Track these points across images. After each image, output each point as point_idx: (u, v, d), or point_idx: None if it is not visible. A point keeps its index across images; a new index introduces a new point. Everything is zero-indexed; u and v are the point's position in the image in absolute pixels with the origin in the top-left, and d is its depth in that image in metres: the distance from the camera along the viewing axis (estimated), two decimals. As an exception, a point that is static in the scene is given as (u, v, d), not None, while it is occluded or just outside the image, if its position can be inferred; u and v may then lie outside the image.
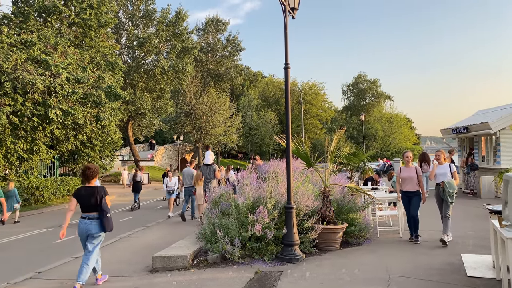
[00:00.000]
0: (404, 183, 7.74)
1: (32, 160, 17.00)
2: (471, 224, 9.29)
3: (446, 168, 7.46)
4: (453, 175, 7.41)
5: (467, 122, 16.97)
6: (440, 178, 7.37)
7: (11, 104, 14.89)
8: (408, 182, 7.68)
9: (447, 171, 7.42)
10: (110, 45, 23.74)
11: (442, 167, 7.52)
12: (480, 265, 5.91)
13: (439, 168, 7.52)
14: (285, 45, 6.99)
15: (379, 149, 49.52)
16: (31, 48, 15.35)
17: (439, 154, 7.61)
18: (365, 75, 60.52)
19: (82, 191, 5.78)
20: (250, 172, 8.37)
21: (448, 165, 7.49)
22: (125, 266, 6.97)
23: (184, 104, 39.21)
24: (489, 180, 13.95)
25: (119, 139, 23.04)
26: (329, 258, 6.74)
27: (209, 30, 49.89)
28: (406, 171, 7.76)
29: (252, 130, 49.45)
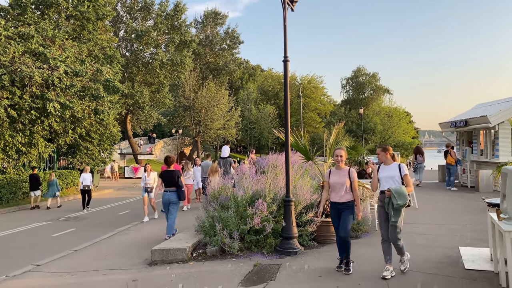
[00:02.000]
0: (332, 190, 5.71)
1: (31, 153, 16.96)
2: (469, 217, 9.33)
3: (393, 170, 5.44)
4: (404, 179, 5.36)
5: (466, 116, 16.97)
6: (386, 184, 5.38)
7: (9, 97, 14.83)
8: (337, 189, 5.64)
9: (395, 173, 5.40)
10: (108, 38, 23.61)
11: (388, 168, 5.49)
12: (478, 258, 5.93)
13: (383, 169, 5.51)
14: (284, 38, 6.96)
15: (378, 142, 49.41)
16: (29, 41, 15.26)
17: (382, 151, 5.61)
18: (365, 69, 60.39)
19: (165, 173, 8.26)
20: (248, 166, 8.39)
21: (397, 165, 5.47)
22: (124, 259, 6.99)
23: (183, 98, 39.09)
24: (487, 174, 13.98)
25: (117, 132, 22.97)
26: (328, 251, 6.77)
27: (207, 23, 49.61)
28: (335, 174, 5.71)
29: (251, 124, 49.38)
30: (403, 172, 5.36)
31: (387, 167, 5.49)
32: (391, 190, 5.15)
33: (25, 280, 6.08)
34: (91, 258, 7.23)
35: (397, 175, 5.36)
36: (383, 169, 5.51)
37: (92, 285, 5.68)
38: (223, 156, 12.41)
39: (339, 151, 5.72)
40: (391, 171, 5.42)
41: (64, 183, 19.28)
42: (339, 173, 5.68)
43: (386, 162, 5.53)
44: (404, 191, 5.16)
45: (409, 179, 5.37)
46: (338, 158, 5.68)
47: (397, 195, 5.11)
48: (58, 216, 13.05)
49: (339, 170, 5.70)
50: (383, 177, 5.41)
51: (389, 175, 5.37)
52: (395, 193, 5.13)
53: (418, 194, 12.03)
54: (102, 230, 9.93)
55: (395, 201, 5.11)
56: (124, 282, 5.69)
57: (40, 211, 14.63)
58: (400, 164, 5.44)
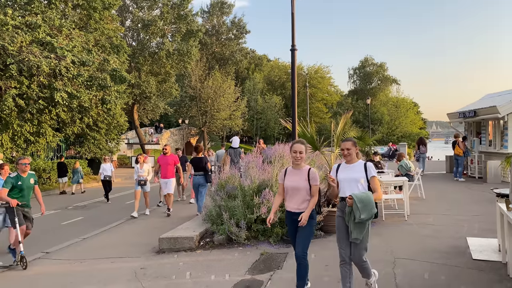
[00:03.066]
0: (287, 196, 4.44)
1: (39, 142, 17.11)
2: (477, 207, 9.28)
3: (358, 171, 4.22)
4: (371, 183, 4.18)
5: (475, 106, 16.79)
6: (348, 189, 4.14)
7: (17, 86, 14.91)
8: (293, 196, 4.36)
9: (360, 175, 4.18)
10: (115, 28, 23.56)
11: (351, 168, 4.26)
12: (485, 249, 5.91)
13: (345, 169, 4.29)
14: (292, 27, 6.90)
15: (385, 133, 49.27)
16: (36, 30, 15.27)
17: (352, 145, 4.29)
18: (372, 59, 59.84)
19: (195, 159, 9.93)
20: (255, 156, 8.40)
21: (362, 165, 4.26)
22: (132, 248, 7.06)
23: (189, 88, 39.05)
24: (495, 165, 13.87)
25: (124, 122, 23.07)
26: (334, 241, 6.72)
27: (214, 12, 49.28)
28: (292, 175, 4.40)
29: (257, 114, 49.29)
30: (370, 174, 4.16)
31: (350, 167, 4.25)
32: (353, 197, 3.92)
33: (36, 267, 6.18)
34: (100, 246, 7.32)
35: (362, 177, 4.16)
36: (345, 168, 4.28)
37: (101, 272, 5.75)
38: (234, 146, 12.59)
39: (297, 146, 4.31)
40: (355, 171, 4.19)
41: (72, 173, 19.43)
42: (297, 174, 4.35)
43: (350, 160, 4.28)
44: (370, 199, 3.94)
45: (378, 182, 4.19)
46: (297, 155, 4.28)
47: (361, 204, 3.90)
48: (67, 204, 13.18)
49: (297, 170, 4.37)
50: (344, 180, 4.18)
51: (353, 177, 4.17)
52: (359, 202, 3.90)
53: (425, 184, 11.98)
54: (111, 219, 10.02)
55: (358, 214, 3.89)
56: (132, 270, 5.75)
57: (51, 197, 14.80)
58: (366, 163, 4.25)
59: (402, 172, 11.21)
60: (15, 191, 6.45)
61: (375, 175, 4.21)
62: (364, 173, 4.19)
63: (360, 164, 4.26)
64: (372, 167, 4.24)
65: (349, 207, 4.03)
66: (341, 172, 4.29)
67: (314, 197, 4.30)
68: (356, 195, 3.97)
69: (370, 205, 3.94)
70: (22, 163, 6.57)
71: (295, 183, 4.33)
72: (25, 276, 5.78)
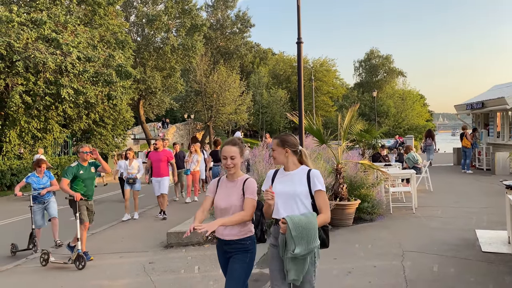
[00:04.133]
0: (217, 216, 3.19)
1: (46, 139, 17.23)
2: (485, 200, 9.21)
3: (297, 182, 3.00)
4: (317, 199, 2.95)
5: (483, 98, 16.63)
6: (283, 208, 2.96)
7: (24, 83, 15.00)
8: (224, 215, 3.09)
9: (299, 189, 2.97)
10: (120, 23, 23.59)
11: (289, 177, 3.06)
12: (495, 241, 5.87)
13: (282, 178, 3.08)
14: (297, 19, 6.85)
15: (392, 126, 49.00)
16: (41, 27, 15.32)
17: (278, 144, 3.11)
18: (378, 51, 59.39)
19: (214, 152, 11.52)
20: (262, 150, 8.39)
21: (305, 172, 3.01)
22: (140, 242, 7.10)
23: (194, 83, 39.04)
24: (504, 156, 13.75)
25: (130, 118, 23.16)
26: (342, 234, 6.77)
27: (218, 6, 49.10)
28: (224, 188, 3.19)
29: (262, 108, 49.22)
30: (315, 187, 2.92)
31: (288, 176, 3.04)
32: (287, 221, 2.74)
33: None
34: (108, 241, 7.36)
35: (303, 191, 2.94)
36: (282, 178, 3.07)
37: (110, 267, 5.79)
38: None
39: (226, 150, 3.07)
40: (293, 183, 2.98)
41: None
42: (230, 188, 3.14)
43: (287, 165, 3.07)
44: (311, 225, 2.75)
45: (326, 199, 2.96)
46: (227, 161, 3.06)
47: (297, 233, 2.72)
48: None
49: (231, 182, 3.16)
50: (279, 194, 2.94)
51: (290, 191, 2.95)
52: (294, 228, 2.72)
53: (433, 176, 11.91)
54: (119, 214, 10.07)
55: (292, 246, 2.73)
56: (141, 264, 5.78)
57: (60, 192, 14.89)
58: (310, 171, 2.99)
59: (410, 165, 11.15)
60: (77, 182, 6.10)
61: (322, 188, 2.93)
62: (306, 186, 2.94)
63: (302, 172, 3.00)
64: (318, 176, 2.95)
65: (282, 235, 2.84)
66: (277, 183, 3.04)
67: (244, 212, 2.95)
68: (292, 218, 2.76)
69: (310, 234, 2.73)
70: (83, 151, 6.17)
71: (225, 202, 3.08)
72: (36, 270, 5.83)
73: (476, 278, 4.56)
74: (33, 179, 7.10)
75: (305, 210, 2.93)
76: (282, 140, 3.12)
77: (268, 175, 3.20)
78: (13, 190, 15.46)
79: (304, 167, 3.08)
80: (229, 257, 3.16)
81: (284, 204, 2.97)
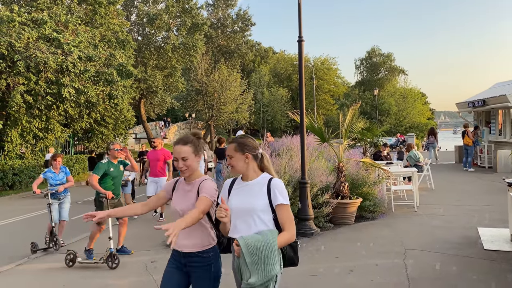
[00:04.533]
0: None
1: (47, 138, 17.24)
2: (487, 197, 9.20)
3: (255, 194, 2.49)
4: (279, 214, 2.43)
5: (484, 95, 16.59)
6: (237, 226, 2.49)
7: (25, 83, 15.01)
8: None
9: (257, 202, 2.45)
10: (120, 23, 23.58)
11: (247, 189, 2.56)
12: (497, 239, 5.86)
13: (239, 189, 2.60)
14: (298, 17, 6.83)
15: (393, 124, 48.94)
16: (42, 26, 15.32)
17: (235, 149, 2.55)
18: (379, 49, 59.22)
19: (218, 150, 11.35)
20: (263, 149, 8.38)
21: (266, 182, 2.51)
22: (142, 242, 7.10)
23: (195, 82, 39.01)
24: (506, 154, 13.72)
25: (132, 117, 23.16)
26: (344, 232, 6.77)
27: (219, 5, 49.06)
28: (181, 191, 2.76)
29: (263, 107, 49.21)
30: (276, 200, 2.43)
31: (246, 186, 2.55)
32: (239, 244, 2.29)
33: (47, 262, 6.23)
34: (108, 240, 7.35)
35: (262, 205, 2.44)
36: (240, 188, 2.58)
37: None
38: None
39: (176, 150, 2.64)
40: (251, 195, 2.49)
41: (80, 168, 19.60)
42: (187, 192, 2.71)
43: (246, 173, 2.57)
44: (270, 247, 2.29)
45: (290, 215, 2.43)
46: (179, 163, 2.63)
47: (252, 259, 2.27)
48: (76, 199, 13.28)
49: (188, 184, 2.72)
50: (234, 209, 2.49)
51: (247, 206, 2.46)
52: (248, 253, 2.27)
53: (435, 175, 11.90)
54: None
55: (246, 274, 2.31)
56: (143, 263, 5.78)
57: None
58: (272, 181, 2.48)
59: (411, 163, 11.13)
60: (107, 179, 5.97)
61: (285, 202, 2.42)
62: (266, 198, 2.44)
63: (263, 182, 2.50)
64: (280, 188, 2.45)
65: (238, 259, 2.41)
66: (234, 195, 2.57)
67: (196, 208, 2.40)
68: (246, 240, 2.30)
69: (268, 259, 2.27)
70: (114, 148, 6.01)
71: (181, 206, 2.65)
72: (37, 269, 5.84)
73: (479, 276, 4.55)
74: (49, 175, 7.02)
75: (264, 227, 2.41)
76: (241, 144, 2.57)
77: (224, 186, 2.69)
78: (15, 190, 15.60)
79: (265, 175, 2.56)
80: (188, 272, 2.68)
81: (240, 221, 2.47)
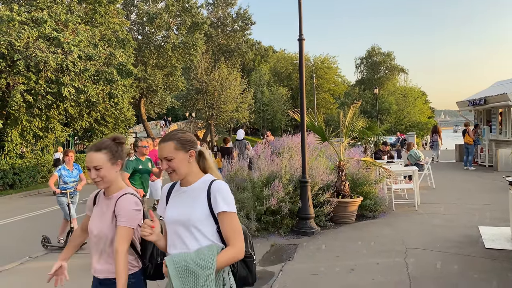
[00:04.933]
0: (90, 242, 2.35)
1: (48, 138, 17.24)
2: (488, 196, 9.18)
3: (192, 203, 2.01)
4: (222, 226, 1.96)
5: (485, 94, 16.57)
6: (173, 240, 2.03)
7: (25, 82, 15.00)
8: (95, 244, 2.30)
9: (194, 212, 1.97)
10: (120, 22, 23.55)
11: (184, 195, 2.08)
12: (498, 237, 5.85)
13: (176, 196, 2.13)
14: (299, 15, 6.81)
15: (393, 123, 48.93)
16: (42, 25, 15.30)
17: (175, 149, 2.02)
18: (379, 48, 59.20)
19: (223, 149, 12.12)
20: (263, 148, 8.38)
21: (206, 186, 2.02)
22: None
23: (195, 81, 38.99)
24: (506, 153, 13.70)
25: (132, 116, 23.16)
26: (345, 231, 6.76)
27: (218, 4, 49.02)
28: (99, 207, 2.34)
29: (263, 106, 49.19)
30: (218, 208, 1.97)
31: (185, 192, 2.09)
32: (167, 265, 1.90)
33: (47, 262, 6.23)
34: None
35: (201, 215, 1.98)
36: (177, 196, 2.12)
37: (113, 265, 5.78)
38: (239, 138, 12.93)
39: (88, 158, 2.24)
40: (189, 203, 2.04)
41: (81, 167, 19.59)
42: (105, 206, 2.31)
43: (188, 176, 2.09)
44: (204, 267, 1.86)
45: (234, 223, 1.96)
46: (91, 174, 2.23)
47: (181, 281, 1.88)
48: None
49: (107, 198, 2.32)
50: (170, 222, 2.05)
51: (183, 218, 2.01)
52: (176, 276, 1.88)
53: (435, 173, 11.89)
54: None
55: None
56: (143, 262, 5.77)
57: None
58: (212, 184, 2.03)
59: (412, 162, 11.12)
60: (135, 177, 5.87)
61: (229, 209, 1.95)
62: (206, 207, 1.97)
63: (204, 186, 2.03)
64: (223, 191, 1.98)
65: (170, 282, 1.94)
66: (171, 205, 2.09)
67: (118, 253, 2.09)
68: (175, 260, 1.89)
69: (200, 283, 1.85)
70: (143, 145, 5.94)
71: (96, 227, 2.26)
72: (37, 269, 5.83)
73: (480, 275, 4.54)
74: (63, 172, 6.93)
75: (206, 242, 1.95)
76: (182, 140, 2.03)
77: (162, 192, 2.21)
78: (15, 189, 15.59)
79: (207, 177, 2.08)
80: None
81: (176, 236, 1.99)
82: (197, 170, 2.11)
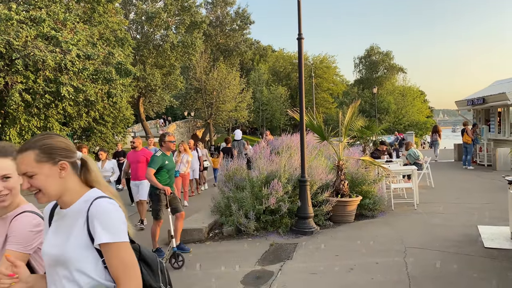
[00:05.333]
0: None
1: (46, 137, 17.16)
2: (487, 195, 9.19)
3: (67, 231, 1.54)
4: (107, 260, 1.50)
5: (484, 93, 16.57)
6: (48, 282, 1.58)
7: (23, 81, 14.95)
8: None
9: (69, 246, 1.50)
10: (119, 21, 23.48)
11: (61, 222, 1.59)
12: (497, 237, 5.85)
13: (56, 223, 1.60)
14: (298, 14, 6.80)
15: (392, 122, 48.93)
16: (41, 24, 15.25)
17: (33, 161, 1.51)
18: (378, 47, 59.13)
19: (225, 148, 12.63)
20: (262, 147, 8.37)
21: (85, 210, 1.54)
22: (142, 240, 7.07)
23: (194, 80, 38.97)
24: (505, 152, 13.72)
25: (130, 115, 23.12)
26: (344, 231, 6.75)
27: (217, 3, 48.96)
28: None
29: (262, 106, 49.17)
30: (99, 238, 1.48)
31: (64, 217, 1.58)
32: None
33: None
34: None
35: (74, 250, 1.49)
36: (56, 221, 1.61)
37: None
38: (237, 138, 12.97)
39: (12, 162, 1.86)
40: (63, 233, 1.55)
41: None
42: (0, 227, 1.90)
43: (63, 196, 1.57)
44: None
45: (125, 257, 1.51)
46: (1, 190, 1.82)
47: None
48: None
49: (2, 218, 1.91)
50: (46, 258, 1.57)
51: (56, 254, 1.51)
52: None
53: (434, 173, 11.88)
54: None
55: None
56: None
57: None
58: (93, 203, 1.53)
59: (411, 161, 11.12)
60: (162, 173, 5.62)
61: (114, 239, 1.51)
62: (86, 236, 1.52)
63: (84, 207, 1.56)
64: (103, 214, 1.51)
65: None
66: (50, 232, 1.62)
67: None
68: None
69: None
70: (170, 140, 5.70)
71: None
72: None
73: (479, 274, 4.54)
74: None
75: (90, 283, 1.51)
76: (46, 148, 1.53)
77: (44, 214, 1.73)
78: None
79: (92, 192, 1.61)
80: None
81: (51, 279, 1.56)
82: (76, 187, 1.59)
